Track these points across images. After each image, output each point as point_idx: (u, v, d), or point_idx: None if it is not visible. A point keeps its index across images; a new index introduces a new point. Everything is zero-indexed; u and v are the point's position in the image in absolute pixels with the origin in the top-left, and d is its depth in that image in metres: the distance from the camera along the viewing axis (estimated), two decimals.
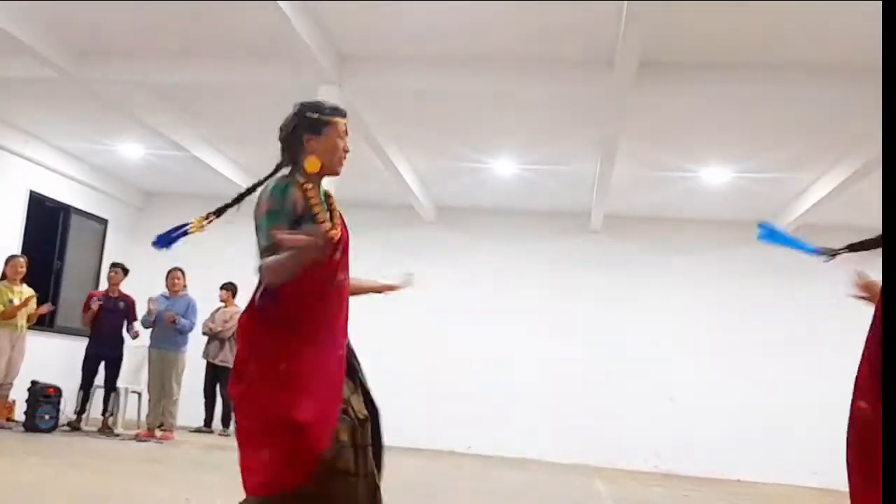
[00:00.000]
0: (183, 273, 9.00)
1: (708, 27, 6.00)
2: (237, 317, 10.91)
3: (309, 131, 2.75)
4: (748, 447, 10.29)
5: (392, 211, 11.45)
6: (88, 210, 11.31)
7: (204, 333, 10.00)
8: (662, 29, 5.89)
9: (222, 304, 10.14)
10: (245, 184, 11.61)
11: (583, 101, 7.38)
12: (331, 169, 2.77)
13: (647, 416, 10.57)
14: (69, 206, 10.95)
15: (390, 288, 3.10)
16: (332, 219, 2.72)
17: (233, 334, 10.04)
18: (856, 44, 6.02)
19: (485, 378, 11.02)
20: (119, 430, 9.07)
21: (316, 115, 2.75)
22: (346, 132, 2.77)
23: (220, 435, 9.84)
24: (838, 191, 8.50)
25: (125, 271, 9.25)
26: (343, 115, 2.77)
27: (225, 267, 10.90)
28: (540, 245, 11.36)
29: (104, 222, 11.67)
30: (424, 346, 11.27)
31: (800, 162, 8.44)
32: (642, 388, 10.70)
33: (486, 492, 7.04)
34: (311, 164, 2.73)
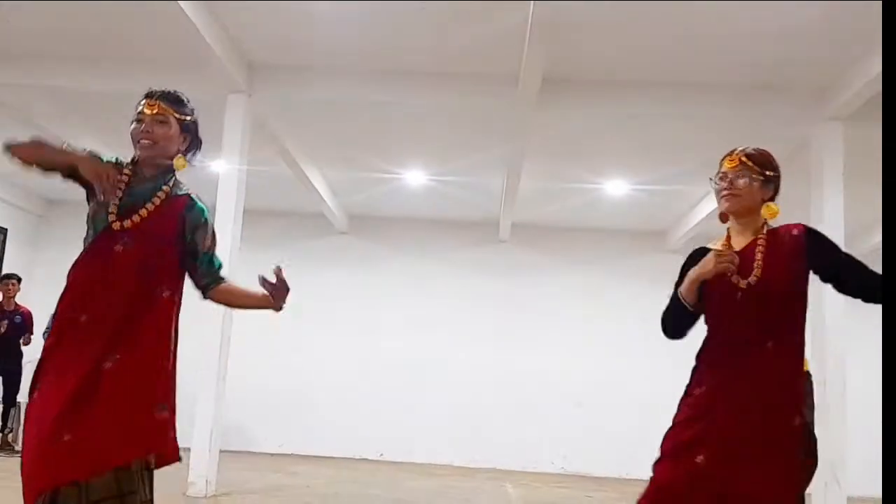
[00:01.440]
0: None
1: (608, 47, 6.30)
2: None
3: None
4: (650, 447, 10.66)
5: (304, 220, 11.45)
6: None
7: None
8: (565, 48, 6.15)
9: None
10: None
11: (489, 116, 7.59)
12: (136, 149, 2.75)
13: (553, 419, 10.86)
14: None
15: (269, 303, 2.87)
16: (136, 207, 2.62)
17: None
18: (744, 64, 6.43)
19: (396, 385, 11.11)
20: (19, 447, 8.73)
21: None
22: (142, 113, 2.71)
23: None
24: None
25: (19, 281, 8.97)
26: (145, 97, 2.76)
27: None
28: (450, 254, 11.54)
29: (3, 231, 11.26)
30: (335, 355, 11.29)
31: (693, 176, 8.84)
32: (549, 392, 10.98)
33: (398, 500, 7.13)
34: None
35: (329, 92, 7.15)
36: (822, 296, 6.51)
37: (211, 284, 2.82)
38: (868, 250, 10.50)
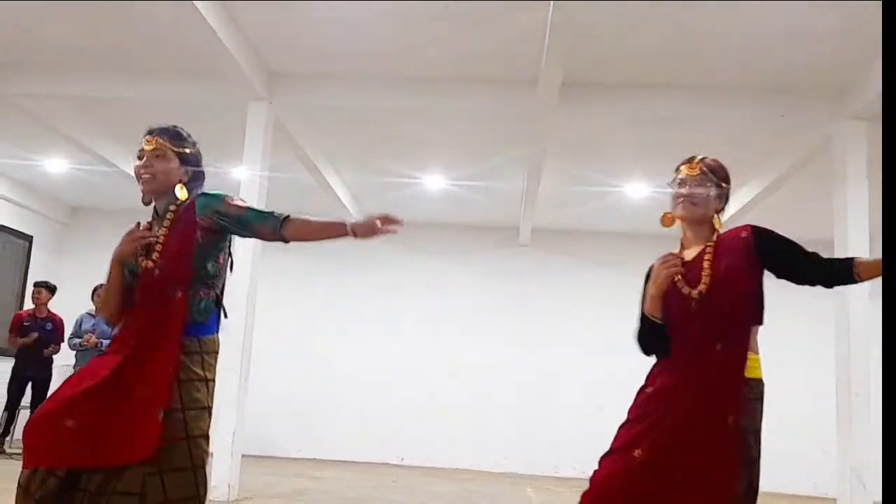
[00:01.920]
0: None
1: (628, 49, 6.27)
2: None
3: None
4: None
5: None
6: (11, 226, 11.04)
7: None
8: (584, 50, 6.14)
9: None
10: None
11: (508, 120, 7.59)
12: (140, 185, 2.89)
13: (574, 422, 10.82)
14: None
15: (347, 231, 2.80)
16: (151, 247, 2.81)
17: None
18: (765, 65, 6.39)
19: (417, 389, 11.12)
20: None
21: None
22: (142, 150, 2.87)
23: None
24: (750, 206, 8.91)
25: (50, 290, 9.05)
26: (146, 133, 2.91)
27: None
28: (470, 258, 11.54)
29: (28, 239, 11.40)
30: (355, 359, 11.32)
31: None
32: (570, 395, 10.95)
33: None
34: None
35: (348, 98, 7.18)
36: (846, 299, 6.45)
37: (279, 227, 2.70)
38: None
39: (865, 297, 6.47)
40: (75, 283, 10.06)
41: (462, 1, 5.72)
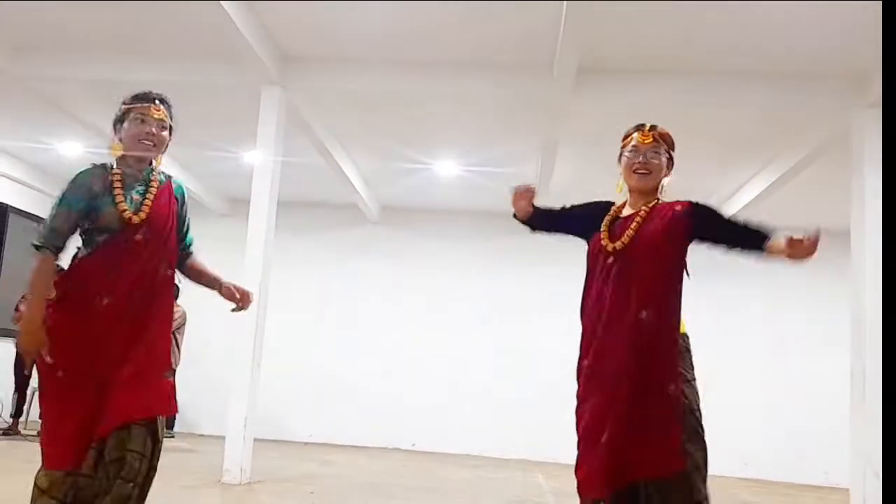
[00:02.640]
0: None
1: (644, 35, 6.21)
2: (179, 317, 10.88)
3: (117, 121, 3.04)
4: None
5: (337, 210, 11.50)
6: (26, 209, 11.08)
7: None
8: (600, 36, 6.08)
9: None
10: (188, 183, 11.59)
11: (523, 105, 7.54)
12: (135, 153, 2.97)
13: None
14: (6, 205, 10.72)
15: (234, 296, 3.16)
16: (142, 200, 2.93)
17: (175, 335, 9.97)
18: (783, 52, 6.32)
19: (429, 375, 11.14)
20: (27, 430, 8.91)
21: (121, 105, 3.05)
22: (148, 116, 2.99)
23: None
24: (767, 193, 8.84)
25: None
26: (145, 100, 3.03)
27: None
28: (482, 244, 11.52)
29: (43, 222, 11.44)
30: (368, 344, 11.34)
31: (732, 163, 8.75)
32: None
33: (430, 489, 7.16)
34: (114, 148, 3.02)
35: (362, 83, 7.15)
36: (863, 287, 6.40)
37: (186, 258, 3.15)
38: None
39: (880, 286, 6.40)
40: None
41: None
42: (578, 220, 3.18)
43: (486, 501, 6.67)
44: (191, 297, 10.16)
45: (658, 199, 2.97)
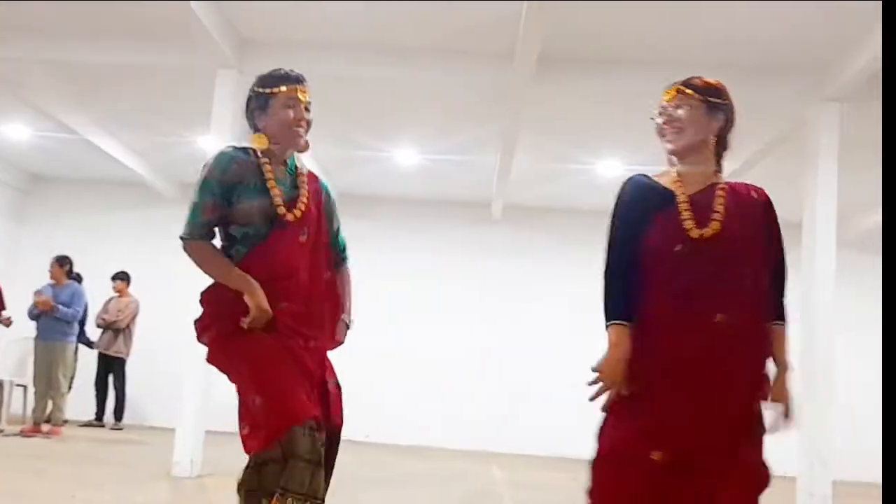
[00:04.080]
0: (62, 262, 8.61)
1: (605, 24, 6.20)
2: (132, 306, 10.68)
3: (257, 108, 2.70)
4: None
5: None
6: None
7: (98, 325, 9.69)
8: (561, 25, 6.04)
9: (116, 294, 9.85)
10: (140, 168, 11.36)
11: (483, 93, 7.49)
12: (286, 142, 2.66)
13: (545, 401, 10.83)
14: None
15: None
16: (296, 195, 2.65)
17: (128, 325, 9.76)
18: (742, 44, 6.36)
19: (384, 366, 11.06)
20: (3, 425, 8.67)
21: (259, 90, 2.69)
22: (297, 99, 2.67)
23: (111, 429, 9.55)
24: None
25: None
26: (291, 81, 2.69)
27: (119, 254, 10.62)
28: (442, 234, 11.47)
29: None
30: None
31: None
32: (541, 374, 10.96)
33: (385, 481, 7.11)
34: (257, 140, 2.67)
35: (321, 68, 7.01)
36: (812, 282, 6.49)
37: (338, 265, 2.87)
38: (861, 232, 10.50)
39: (831, 280, 6.51)
40: (34, 252, 9.85)
41: None
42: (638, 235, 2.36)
43: (441, 493, 6.64)
44: (140, 286, 10.01)
45: (719, 174, 2.42)
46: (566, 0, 5.50)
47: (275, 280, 2.52)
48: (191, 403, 6.46)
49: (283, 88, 2.65)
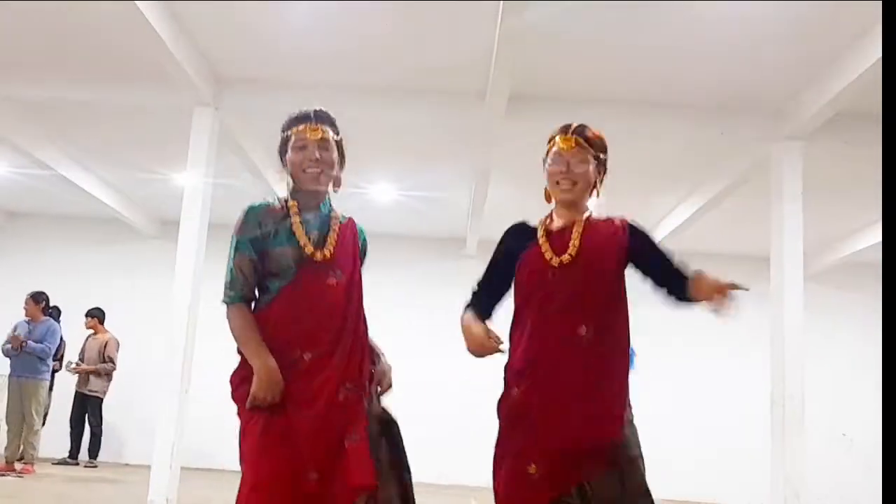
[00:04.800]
0: (38, 298, 8.57)
1: (575, 65, 6.38)
2: (111, 343, 10.60)
3: (281, 151, 2.64)
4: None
5: None
6: None
7: (75, 372, 9.60)
8: (532, 64, 6.21)
9: (91, 332, 9.79)
10: (116, 204, 11.33)
11: (456, 131, 7.63)
12: (304, 184, 2.57)
13: None
14: None
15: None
16: (325, 235, 2.55)
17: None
18: (706, 84, 6.55)
19: None
20: None
21: (281, 133, 2.64)
22: (306, 140, 2.56)
23: (85, 467, 9.45)
24: (690, 221, 9.11)
25: None
26: (301, 121, 2.60)
27: (94, 291, 10.58)
28: (417, 268, 11.55)
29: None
30: None
31: (658, 192, 8.99)
32: None
33: None
34: (287, 183, 2.62)
35: (296, 105, 7.09)
36: (782, 310, 6.63)
37: None
38: (828, 266, 10.71)
39: (800, 307, 6.66)
40: (9, 289, 9.79)
41: (412, 12, 5.76)
42: (504, 272, 2.75)
43: None
44: (116, 323, 9.97)
45: (590, 212, 2.66)
46: (536, 38, 5.67)
47: (301, 321, 2.45)
48: (166, 440, 6.43)
49: (294, 130, 2.58)
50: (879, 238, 9.39)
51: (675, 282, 2.56)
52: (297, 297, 2.47)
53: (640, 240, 2.63)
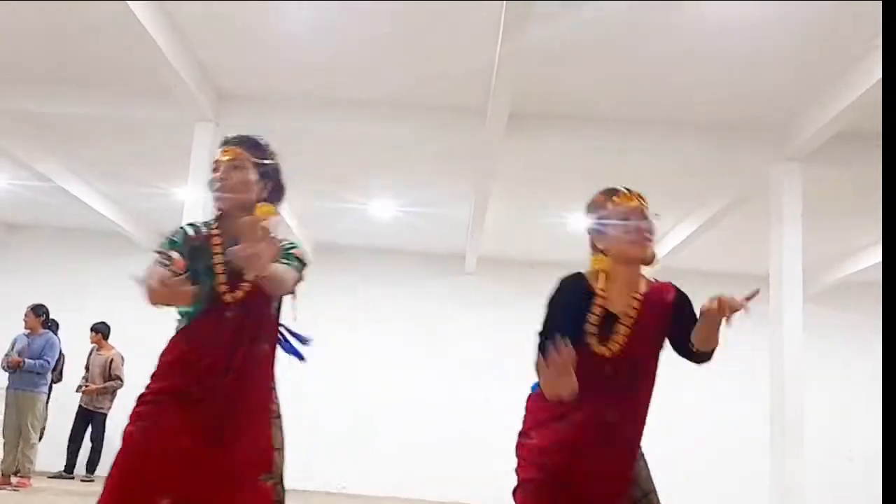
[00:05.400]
0: (38, 311, 8.55)
1: (575, 82, 6.41)
2: (117, 359, 10.53)
3: None
4: None
5: None
6: None
7: (85, 393, 9.59)
8: (532, 82, 6.24)
9: (94, 346, 9.76)
10: (116, 217, 11.36)
11: (457, 148, 7.65)
12: (218, 206, 2.57)
13: (513, 453, 10.80)
14: None
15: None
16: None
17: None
18: (707, 104, 6.58)
19: (360, 417, 11.02)
20: None
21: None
22: (220, 160, 2.56)
23: (82, 480, 9.40)
24: (689, 240, 9.11)
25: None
26: (222, 144, 2.61)
27: (95, 304, 10.56)
28: (416, 285, 11.54)
29: None
30: (299, 386, 11.16)
31: (657, 211, 8.99)
32: (512, 426, 10.93)
33: None
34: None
35: (297, 121, 7.17)
36: (781, 329, 6.62)
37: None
38: (827, 286, 10.71)
39: (799, 327, 6.66)
40: (9, 301, 9.77)
41: (412, 28, 5.79)
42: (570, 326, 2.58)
43: None
44: (116, 338, 9.94)
45: (646, 279, 2.61)
46: (537, 55, 5.70)
47: (188, 353, 2.46)
48: None
49: (217, 153, 2.61)
50: (878, 259, 9.42)
51: (686, 343, 2.55)
52: (198, 328, 2.46)
53: (682, 313, 2.57)
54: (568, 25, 5.42)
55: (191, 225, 2.58)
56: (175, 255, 2.43)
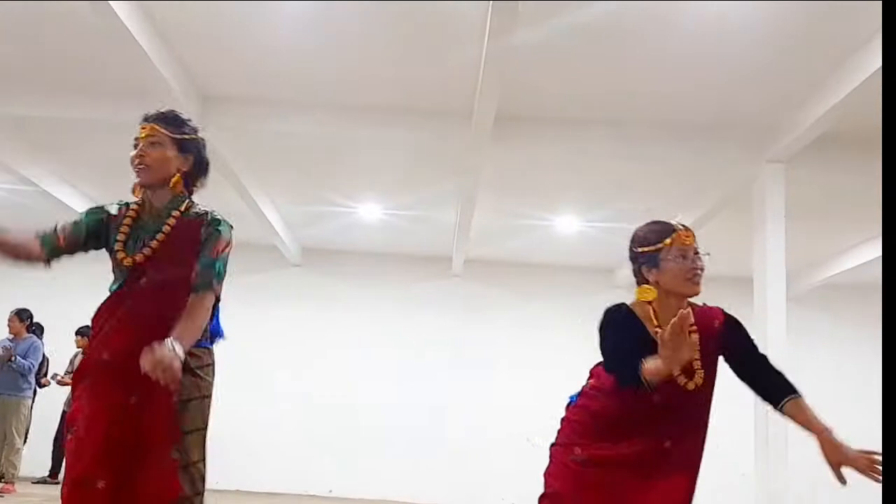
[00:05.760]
0: (22, 315, 8.50)
1: (561, 86, 6.43)
2: None
3: None
4: None
5: (256, 252, 11.32)
6: None
7: (60, 384, 9.50)
8: (518, 85, 6.25)
9: (80, 350, 9.70)
10: None
11: (443, 151, 7.66)
12: (139, 183, 2.65)
13: (503, 455, 10.81)
14: None
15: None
16: (152, 238, 2.56)
17: None
18: (690, 107, 6.62)
19: (346, 420, 11.00)
20: None
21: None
22: (139, 137, 2.62)
23: None
24: None
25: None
26: (140, 122, 2.66)
27: (79, 308, 10.48)
28: (403, 288, 11.54)
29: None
30: (286, 389, 11.14)
31: (642, 213, 9.03)
32: (499, 427, 10.96)
33: None
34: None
35: (283, 124, 7.15)
36: (764, 336, 6.66)
37: (198, 290, 2.52)
38: (810, 288, 10.79)
39: (783, 328, 6.70)
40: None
41: (398, 32, 5.80)
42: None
43: None
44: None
45: (690, 304, 2.60)
46: (522, 58, 5.71)
47: (101, 325, 2.54)
48: None
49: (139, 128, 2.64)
50: (861, 261, 9.50)
51: (772, 394, 2.66)
52: (111, 301, 2.55)
53: (733, 339, 2.63)
54: (554, 28, 5.44)
55: (118, 203, 2.71)
56: None
